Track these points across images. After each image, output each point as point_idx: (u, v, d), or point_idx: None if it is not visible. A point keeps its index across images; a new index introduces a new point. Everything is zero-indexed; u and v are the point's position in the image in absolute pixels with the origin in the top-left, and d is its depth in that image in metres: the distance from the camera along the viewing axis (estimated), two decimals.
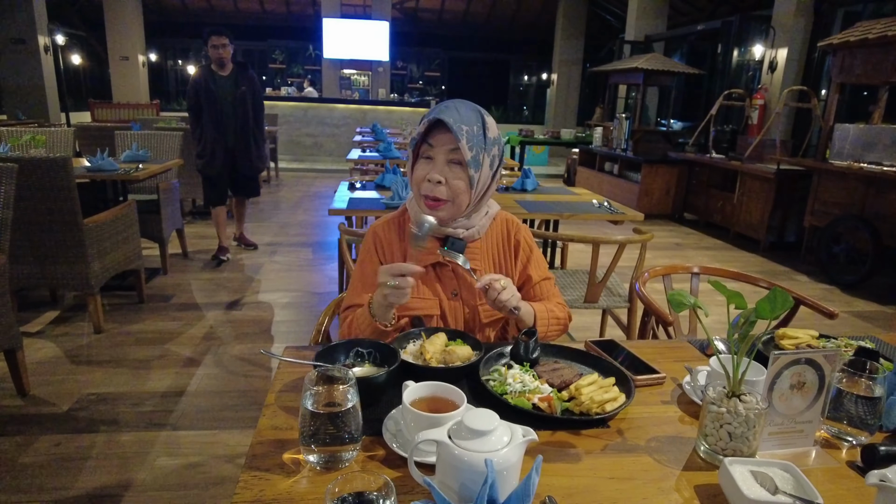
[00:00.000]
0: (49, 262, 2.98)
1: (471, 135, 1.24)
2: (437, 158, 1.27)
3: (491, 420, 0.72)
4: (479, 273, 1.37)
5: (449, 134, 1.24)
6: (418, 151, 1.31)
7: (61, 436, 2.24)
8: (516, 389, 0.99)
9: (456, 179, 1.27)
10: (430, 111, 1.27)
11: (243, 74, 4.34)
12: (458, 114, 1.24)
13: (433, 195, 1.28)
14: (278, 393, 1.02)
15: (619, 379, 1.05)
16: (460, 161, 1.26)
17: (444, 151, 1.26)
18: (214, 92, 4.22)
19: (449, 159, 1.27)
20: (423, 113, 1.26)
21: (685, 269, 2.03)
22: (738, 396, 0.86)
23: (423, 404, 0.87)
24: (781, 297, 0.81)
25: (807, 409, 0.90)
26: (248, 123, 4.37)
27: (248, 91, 4.32)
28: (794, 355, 0.87)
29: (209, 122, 4.25)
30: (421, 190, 1.29)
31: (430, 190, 1.28)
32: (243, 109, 4.32)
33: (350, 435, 0.82)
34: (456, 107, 1.26)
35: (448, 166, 1.27)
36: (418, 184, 1.30)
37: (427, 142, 1.28)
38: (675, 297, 0.88)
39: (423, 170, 1.29)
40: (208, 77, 4.23)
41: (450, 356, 1.08)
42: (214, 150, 4.30)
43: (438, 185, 1.27)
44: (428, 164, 1.28)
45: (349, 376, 0.83)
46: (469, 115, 1.26)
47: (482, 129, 1.27)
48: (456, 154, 1.25)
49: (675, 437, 0.95)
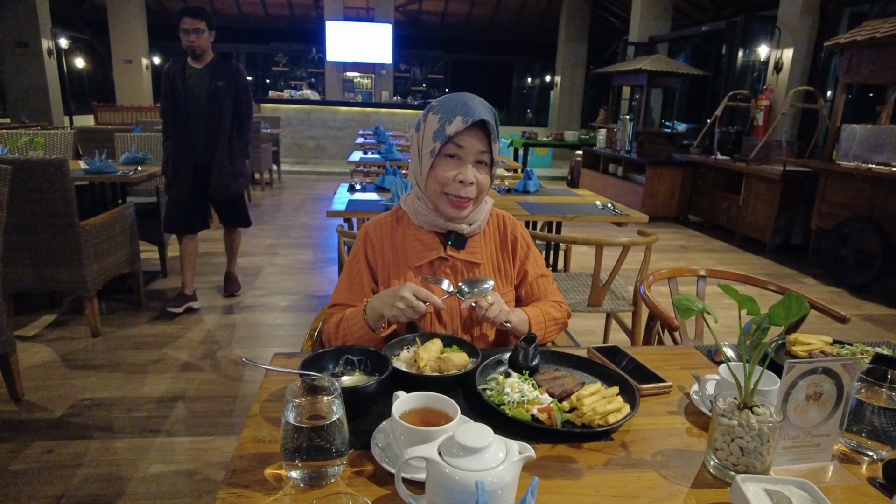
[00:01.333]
0: (45, 265, 2.95)
1: (495, 133, 1.24)
2: (466, 159, 1.24)
3: (484, 435, 0.67)
4: (482, 267, 1.35)
5: (480, 134, 1.23)
6: (442, 148, 1.25)
7: (54, 442, 2.20)
8: (514, 400, 0.94)
9: (483, 179, 1.27)
10: (455, 106, 1.22)
11: (223, 67, 3.42)
12: (489, 112, 1.23)
13: (466, 196, 1.25)
14: (264, 402, 0.97)
15: (622, 388, 1.00)
16: (486, 161, 1.26)
17: (474, 152, 1.24)
18: (180, 89, 3.33)
19: (477, 160, 1.25)
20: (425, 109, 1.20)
21: (691, 271, 1.97)
22: (750, 408, 0.81)
23: (415, 416, 0.82)
24: (797, 303, 0.76)
25: (824, 422, 0.84)
26: (222, 129, 3.40)
27: (227, 88, 3.40)
28: (810, 364, 0.81)
29: (173, 127, 3.39)
30: (445, 188, 1.26)
31: (460, 190, 1.25)
32: (218, 111, 3.38)
33: (335, 449, 0.77)
34: (481, 103, 1.24)
35: (475, 166, 1.25)
36: (444, 183, 1.25)
37: (454, 141, 1.22)
38: (683, 301, 0.83)
39: (451, 170, 1.24)
40: (178, 70, 3.37)
41: (445, 364, 1.03)
42: (179, 163, 3.40)
43: (470, 186, 1.25)
44: (455, 163, 1.24)
45: (334, 387, 0.78)
46: (490, 113, 1.24)
47: (496, 126, 1.26)
48: (485, 155, 1.25)
49: (682, 450, 0.89)
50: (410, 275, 1.31)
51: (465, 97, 1.24)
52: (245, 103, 3.49)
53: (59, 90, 10.45)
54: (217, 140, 3.41)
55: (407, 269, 1.31)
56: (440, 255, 1.32)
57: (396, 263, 1.33)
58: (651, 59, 7.47)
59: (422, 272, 1.31)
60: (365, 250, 1.35)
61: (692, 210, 7.12)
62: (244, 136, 3.53)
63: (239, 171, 3.55)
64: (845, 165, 4.76)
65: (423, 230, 1.32)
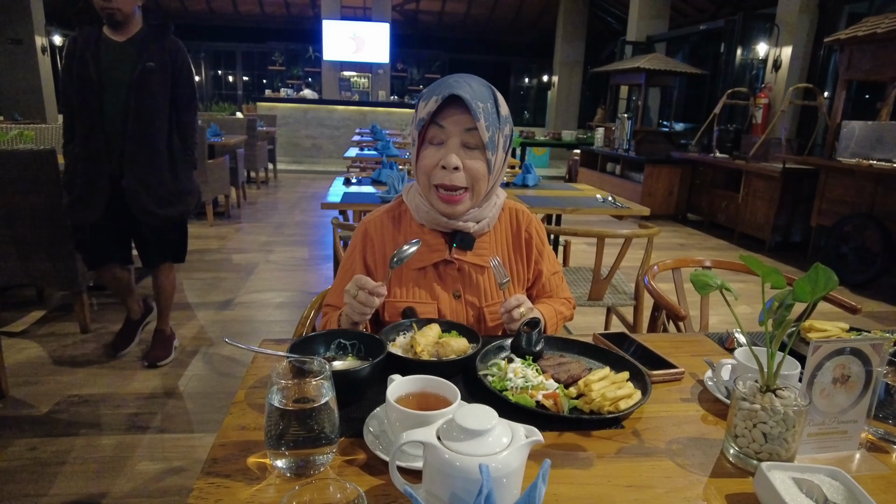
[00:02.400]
0: (33, 259, 2.87)
1: (487, 113, 1.09)
2: (449, 141, 1.11)
3: (488, 417, 0.61)
4: (491, 270, 1.24)
5: (464, 112, 1.08)
6: (425, 135, 1.14)
7: (38, 439, 2.13)
8: (518, 385, 0.88)
9: (474, 163, 1.12)
10: (436, 86, 1.11)
11: (156, 42, 2.40)
12: (471, 89, 1.09)
13: (451, 184, 1.11)
14: (250, 389, 0.91)
15: (632, 374, 0.94)
16: (477, 144, 1.11)
17: (457, 133, 1.10)
18: (91, 71, 2.31)
19: (464, 142, 1.11)
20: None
21: (696, 262, 1.91)
22: (773, 391, 0.75)
23: (411, 401, 0.76)
24: (824, 276, 0.70)
25: (851, 407, 0.79)
26: (153, 129, 2.41)
27: (161, 71, 2.39)
28: (837, 344, 0.75)
29: (80, 124, 2.38)
30: (432, 179, 1.13)
31: (444, 178, 1.11)
32: (149, 103, 2.38)
33: (324, 436, 0.70)
34: (467, 81, 1.10)
35: (463, 150, 1.11)
36: (428, 172, 1.13)
37: (436, 122, 1.10)
38: (700, 277, 0.77)
39: (434, 156, 1.12)
40: (89, 44, 2.34)
41: (443, 349, 0.96)
42: (89, 177, 2.40)
43: (455, 172, 1.10)
44: (439, 149, 1.12)
45: (323, 367, 0.72)
46: (482, 91, 1.11)
47: (496, 106, 1.12)
48: (472, 136, 1.10)
49: (698, 438, 0.83)
50: (413, 279, 1.20)
51: (452, 77, 1.12)
52: (186, 94, 2.49)
53: (52, 88, 10.35)
54: (147, 144, 2.40)
55: (408, 272, 1.21)
56: (444, 257, 1.20)
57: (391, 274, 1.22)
58: (649, 58, 7.43)
59: (425, 275, 1.20)
60: (363, 251, 1.24)
61: (691, 208, 7.08)
62: (187, 139, 2.55)
63: (184, 189, 2.56)
64: (846, 162, 4.72)
65: (427, 229, 1.21)
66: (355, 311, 1.03)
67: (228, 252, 4.77)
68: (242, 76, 16.45)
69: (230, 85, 16.60)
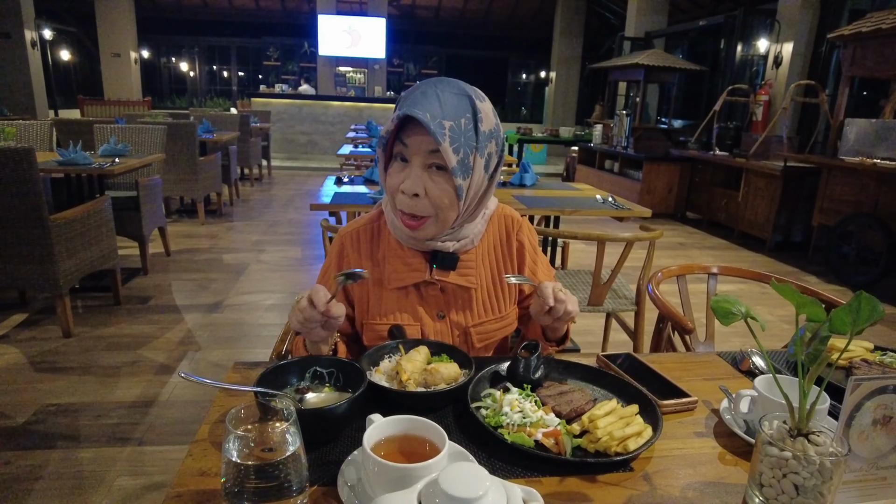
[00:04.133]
0: (13, 261, 2.77)
1: (456, 132, 0.94)
2: (412, 162, 0.98)
3: (478, 481, 0.51)
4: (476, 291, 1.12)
5: (423, 131, 0.94)
6: (391, 150, 1.01)
7: (12, 453, 2.03)
8: (514, 421, 0.78)
9: (438, 190, 0.98)
10: (403, 99, 0.98)
11: None
12: (437, 104, 0.94)
13: (410, 212, 0.99)
14: (214, 424, 0.81)
15: (641, 405, 0.84)
16: (442, 166, 0.97)
17: (421, 153, 0.97)
18: None
19: (428, 163, 0.97)
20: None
21: (702, 268, 1.82)
22: (805, 436, 0.65)
23: (393, 446, 0.66)
24: (868, 306, 0.61)
25: (892, 451, 0.69)
26: None
27: None
28: (880, 381, 0.66)
29: None
30: (396, 202, 1.01)
31: (404, 204, 0.99)
32: None
33: (290, 487, 0.61)
34: (437, 93, 0.96)
35: (427, 172, 0.98)
36: (392, 193, 1.01)
37: (400, 139, 0.98)
38: (722, 304, 0.68)
39: (397, 176, 1.00)
40: None
41: (432, 377, 0.87)
42: None
43: (416, 199, 0.98)
44: (403, 167, 1.00)
45: (288, 409, 0.62)
46: (454, 105, 0.96)
47: (472, 122, 0.97)
48: (436, 157, 0.96)
49: (717, 483, 0.74)
50: (394, 300, 1.09)
51: (427, 87, 0.97)
52: None
53: (43, 83, 10.19)
54: None
55: (388, 292, 1.10)
56: (425, 278, 1.09)
57: (376, 284, 1.10)
58: (648, 54, 7.33)
59: (406, 295, 1.09)
60: (339, 265, 1.13)
61: (690, 207, 6.99)
62: None
63: None
64: (849, 161, 4.63)
65: (406, 248, 1.10)
66: (292, 319, 0.90)
67: (219, 252, 4.67)
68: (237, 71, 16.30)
69: (225, 80, 16.44)
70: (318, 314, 0.88)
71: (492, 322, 1.14)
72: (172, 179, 5.19)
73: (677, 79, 8.07)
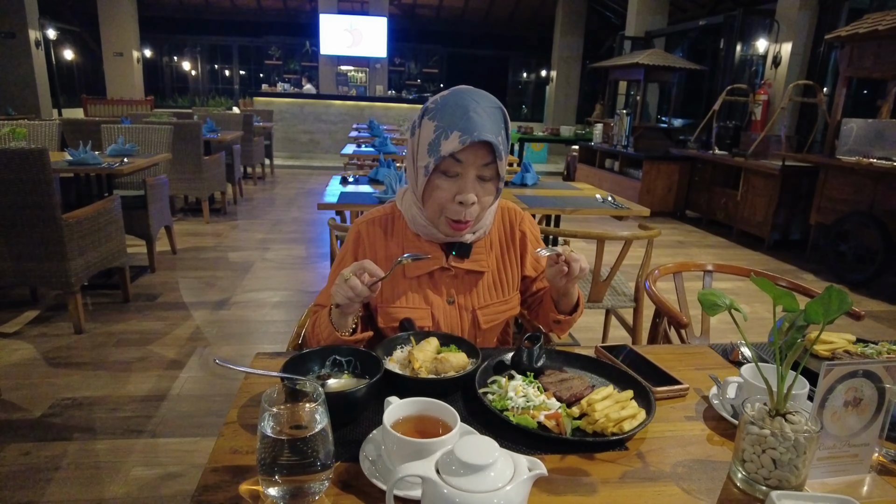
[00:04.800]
0: (26, 260, 2.84)
1: (503, 145, 1.08)
2: (466, 175, 1.08)
3: (489, 450, 0.58)
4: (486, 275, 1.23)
5: (485, 150, 1.06)
6: (438, 166, 1.09)
7: (31, 444, 2.10)
8: (519, 405, 0.85)
9: (486, 195, 1.12)
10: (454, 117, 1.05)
11: None
12: (490, 122, 1.05)
13: (465, 219, 1.10)
14: (242, 408, 0.88)
15: (636, 391, 0.91)
16: (492, 176, 1.10)
17: (475, 167, 1.08)
18: None
19: (479, 175, 1.09)
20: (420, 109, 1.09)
21: (697, 266, 1.89)
22: (783, 415, 0.72)
23: (409, 425, 0.73)
24: (838, 298, 0.67)
25: (863, 430, 0.76)
26: None
27: None
28: (850, 366, 0.73)
29: None
30: (446, 212, 1.11)
31: (459, 213, 1.09)
32: None
33: (319, 463, 0.68)
34: (483, 110, 1.06)
35: (477, 181, 1.10)
36: (442, 204, 1.11)
37: (454, 156, 1.06)
38: (708, 296, 0.74)
39: (449, 189, 1.09)
40: None
41: (441, 365, 0.94)
42: None
43: (471, 207, 1.09)
44: (454, 182, 1.09)
45: (317, 392, 0.69)
46: (495, 120, 1.07)
47: (505, 132, 1.10)
48: (489, 169, 1.09)
49: (704, 460, 0.81)
50: (407, 286, 1.19)
51: (468, 103, 1.06)
52: None
53: (47, 82, 10.26)
54: None
55: (403, 279, 1.19)
56: (441, 265, 1.19)
57: (392, 273, 1.20)
58: (648, 54, 7.38)
59: (420, 284, 1.19)
60: (356, 252, 1.22)
61: (690, 205, 7.06)
62: None
63: None
64: (846, 160, 4.70)
65: (422, 238, 1.20)
66: (339, 293, 0.99)
67: (224, 250, 4.74)
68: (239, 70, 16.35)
69: (227, 79, 16.49)
70: (367, 289, 0.98)
71: (497, 304, 1.24)
72: (178, 179, 5.25)
73: (677, 78, 8.13)
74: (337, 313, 1.04)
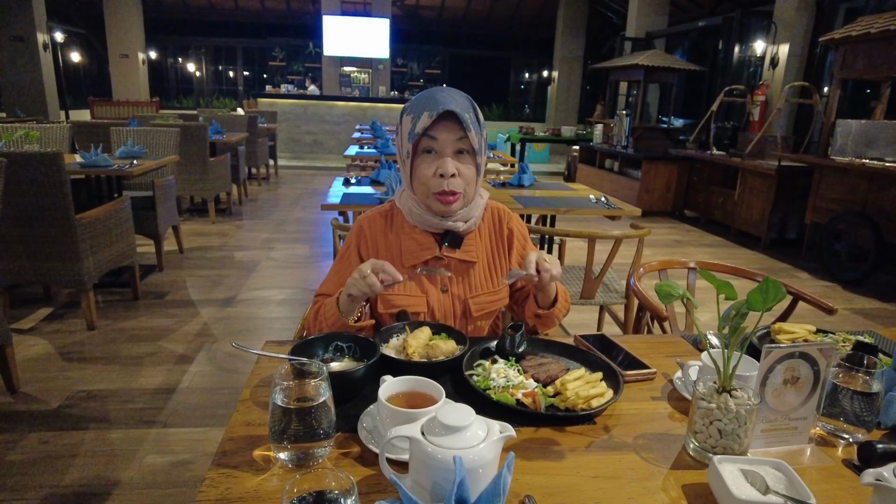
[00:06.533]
0: (41, 259, 2.95)
1: (472, 122, 1.21)
2: (443, 150, 1.21)
3: (466, 415, 0.69)
4: (476, 265, 1.34)
5: (454, 123, 1.19)
6: (418, 147, 1.23)
7: (50, 433, 2.22)
8: (500, 384, 0.96)
9: (466, 169, 1.23)
10: (423, 102, 1.21)
11: None
12: (455, 101, 1.20)
13: (450, 189, 1.21)
14: (254, 388, 0.99)
15: (606, 374, 1.02)
16: (467, 149, 1.22)
17: (450, 142, 1.21)
18: None
19: (456, 149, 1.22)
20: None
21: (681, 263, 1.99)
22: (728, 392, 0.82)
23: (401, 399, 0.84)
24: (774, 288, 0.78)
25: (801, 406, 0.86)
26: None
27: None
28: (787, 349, 0.83)
29: None
30: (431, 188, 1.23)
31: (443, 185, 1.21)
32: None
33: (322, 431, 0.78)
34: (451, 95, 1.21)
35: (455, 156, 1.22)
36: (426, 182, 1.23)
37: (429, 135, 1.20)
38: (664, 287, 0.85)
39: (430, 166, 1.22)
40: None
41: (433, 351, 1.04)
42: None
43: (453, 178, 1.21)
44: (434, 158, 1.22)
45: (321, 370, 0.80)
46: (464, 101, 1.22)
47: (476, 115, 1.24)
48: (463, 143, 1.21)
49: (663, 434, 0.91)
50: (405, 275, 1.29)
51: (434, 91, 1.23)
52: None
53: (54, 85, 10.41)
54: None
55: (401, 269, 1.30)
56: (435, 254, 1.30)
57: (390, 262, 1.30)
58: (648, 55, 7.47)
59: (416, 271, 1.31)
60: (358, 244, 1.34)
61: (688, 205, 7.14)
62: None
63: None
64: (840, 161, 4.78)
65: (418, 230, 1.31)
66: (356, 286, 1.10)
67: (230, 249, 4.85)
68: (243, 71, 16.49)
69: (230, 80, 16.64)
70: (382, 287, 1.09)
71: (487, 295, 1.35)
72: (184, 180, 5.37)
73: (677, 78, 8.20)
74: (346, 302, 1.15)
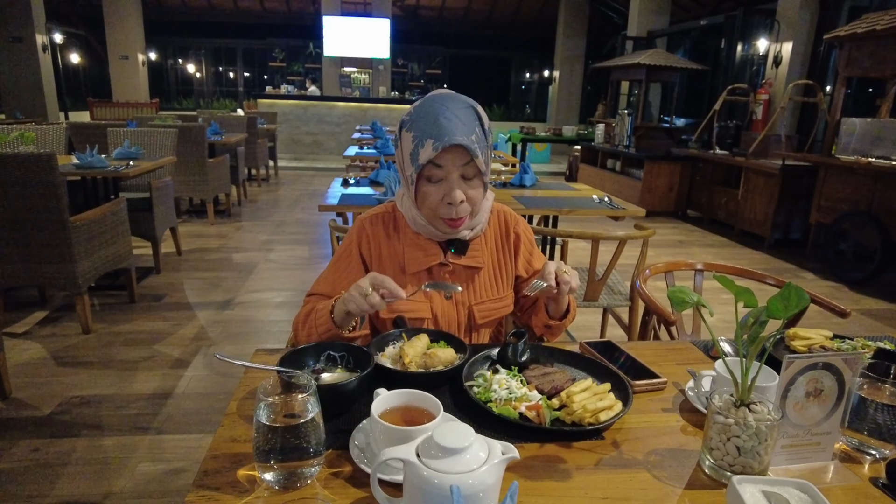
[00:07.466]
0: (35, 261, 2.90)
1: (478, 142, 1.13)
2: (450, 177, 1.14)
3: (465, 435, 0.63)
4: (482, 271, 1.29)
5: (460, 150, 1.12)
6: (422, 172, 1.15)
7: (41, 440, 2.16)
8: (502, 397, 0.90)
9: (474, 192, 1.17)
10: (427, 125, 1.11)
11: None
12: (460, 124, 1.11)
13: (458, 216, 1.17)
14: (241, 401, 0.94)
15: (615, 384, 0.96)
16: (475, 173, 1.16)
17: (456, 167, 1.14)
18: None
19: (462, 174, 1.15)
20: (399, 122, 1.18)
21: (688, 265, 1.93)
22: (747, 405, 0.77)
23: (396, 414, 0.78)
24: (796, 295, 0.72)
25: (824, 420, 0.81)
26: None
27: None
28: (810, 359, 0.77)
29: None
30: (439, 213, 1.17)
31: (451, 212, 1.16)
32: None
33: (311, 449, 0.73)
34: (453, 114, 1.11)
35: (462, 181, 1.16)
36: (434, 207, 1.17)
37: (433, 163, 1.12)
38: (677, 294, 0.79)
39: (437, 193, 1.16)
40: None
41: (430, 360, 0.99)
42: None
43: (461, 205, 1.16)
44: (440, 186, 1.15)
45: (309, 384, 0.74)
46: (467, 119, 1.13)
47: (482, 127, 1.16)
48: (470, 167, 1.15)
49: (676, 450, 0.86)
50: (407, 281, 1.24)
51: (438, 109, 1.12)
52: None
53: (53, 86, 10.38)
54: None
55: (403, 276, 1.25)
56: (440, 260, 1.25)
57: (393, 268, 1.26)
58: (649, 54, 7.41)
59: (420, 279, 1.25)
60: (360, 244, 1.28)
61: (691, 205, 7.08)
62: None
63: None
64: (845, 159, 4.72)
65: (422, 236, 1.26)
66: (355, 303, 1.02)
67: (229, 251, 4.80)
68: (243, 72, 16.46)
69: (231, 81, 16.61)
70: (384, 304, 1.03)
71: (492, 301, 1.30)
72: (183, 181, 5.32)
73: (679, 77, 8.14)
74: (342, 315, 1.08)
